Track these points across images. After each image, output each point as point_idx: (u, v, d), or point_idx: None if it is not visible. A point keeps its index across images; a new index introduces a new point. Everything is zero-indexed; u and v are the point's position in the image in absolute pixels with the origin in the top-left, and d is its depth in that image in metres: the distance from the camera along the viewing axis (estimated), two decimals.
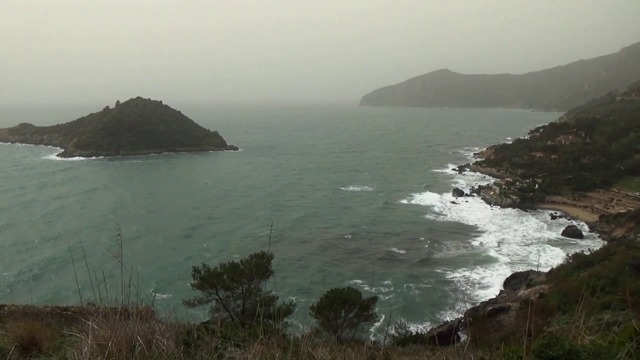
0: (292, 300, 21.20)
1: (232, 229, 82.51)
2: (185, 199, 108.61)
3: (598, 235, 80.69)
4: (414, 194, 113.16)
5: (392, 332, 33.84)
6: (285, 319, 20.16)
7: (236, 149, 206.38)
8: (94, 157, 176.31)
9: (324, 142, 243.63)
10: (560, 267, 53.96)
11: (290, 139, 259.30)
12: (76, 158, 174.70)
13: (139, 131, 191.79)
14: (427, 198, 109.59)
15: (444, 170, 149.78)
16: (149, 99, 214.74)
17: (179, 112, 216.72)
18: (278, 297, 20.63)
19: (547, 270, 56.72)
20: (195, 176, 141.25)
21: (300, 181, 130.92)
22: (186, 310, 20.40)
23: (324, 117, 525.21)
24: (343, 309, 22.96)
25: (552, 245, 75.19)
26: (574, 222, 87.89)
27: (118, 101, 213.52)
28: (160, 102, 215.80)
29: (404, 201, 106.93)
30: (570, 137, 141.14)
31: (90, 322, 4.03)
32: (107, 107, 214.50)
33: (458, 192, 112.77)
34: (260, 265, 20.98)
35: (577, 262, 51.56)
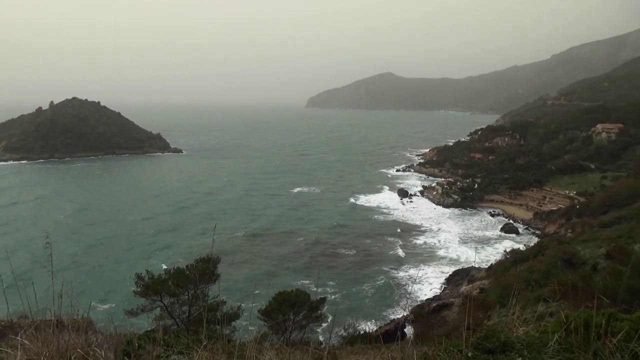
0: (240, 305, 20.88)
1: (177, 235, 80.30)
2: (125, 204, 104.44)
3: (532, 231, 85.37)
4: (360, 195, 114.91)
5: (342, 332, 34.23)
6: (233, 324, 19.84)
7: (180, 151, 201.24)
8: (25, 161, 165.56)
9: (272, 144, 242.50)
10: (499, 263, 56.50)
11: (238, 141, 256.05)
12: (7, 162, 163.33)
13: (75, 133, 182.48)
14: (373, 199, 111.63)
15: (389, 171, 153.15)
16: (86, 99, 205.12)
17: (119, 113, 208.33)
18: (225, 302, 20.25)
19: (487, 266, 59.35)
20: (135, 181, 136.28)
21: (247, 184, 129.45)
22: (129, 320, 19.62)
23: (271, 118, 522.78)
24: (292, 311, 22.90)
25: (492, 242, 78.74)
26: (511, 220, 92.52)
27: (52, 102, 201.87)
28: (99, 102, 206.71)
29: (352, 201, 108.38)
30: (506, 139, 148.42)
31: (19, 337, 3.77)
32: (40, 107, 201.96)
33: (403, 193, 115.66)
34: (206, 270, 20.51)
35: (514, 258, 54.03)
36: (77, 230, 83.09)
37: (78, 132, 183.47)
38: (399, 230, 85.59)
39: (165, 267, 26.56)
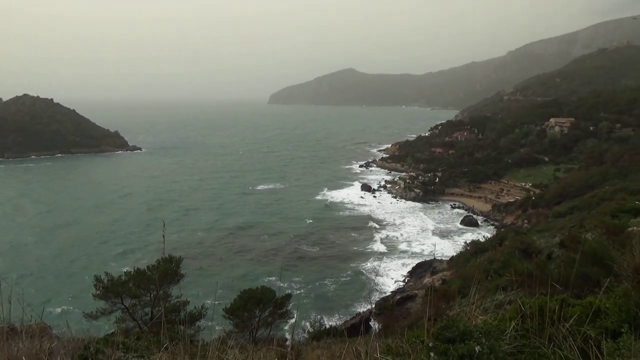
0: (204, 304, 20.56)
1: (137, 236, 78.31)
2: (83, 206, 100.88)
3: (491, 223, 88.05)
4: (325, 191, 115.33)
5: (308, 327, 34.31)
6: (197, 324, 19.54)
7: (139, 149, 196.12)
8: None
9: (234, 140, 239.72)
10: (460, 255, 57.99)
11: (199, 138, 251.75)
12: None
13: (27, 132, 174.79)
14: (337, 194, 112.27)
15: (353, 167, 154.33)
16: (38, 96, 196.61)
17: (74, 110, 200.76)
18: (189, 302, 19.91)
19: (448, 258, 60.79)
20: (94, 181, 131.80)
21: (209, 182, 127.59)
22: (89, 323, 19.02)
23: (233, 115, 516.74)
24: (257, 308, 22.76)
25: (453, 234, 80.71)
26: (471, 212, 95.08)
27: (0, 99, 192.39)
28: (51, 100, 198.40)
29: (316, 197, 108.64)
30: (465, 133, 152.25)
31: None
32: None
33: (366, 188, 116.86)
34: (168, 270, 20.09)
35: (474, 249, 55.49)
36: (34, 234, 79.75)
37: (30, 131, 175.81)
38: (362, 224, 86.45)
39: (127, 268, 25.87)
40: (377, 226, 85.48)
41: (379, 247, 74.04)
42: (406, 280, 59.53)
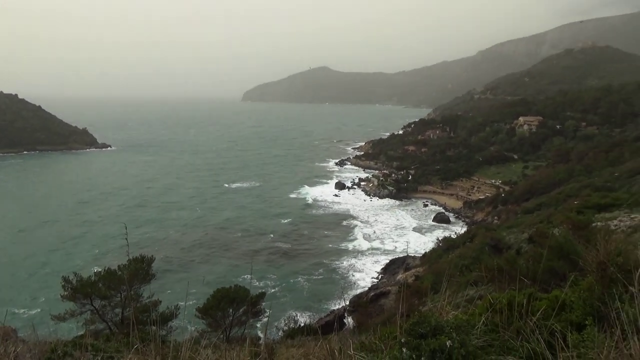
0: (177, 304, 20.29)
1: (110, 236, 76.46)
2: (50, 204, 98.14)
3: (463, 219, 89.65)
4: (299, 188, 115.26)
5: (283, 325, 34.24)
6: (169, 324, 19.27)
7: (109, 146, 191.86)
8: None
9: (207, 138, 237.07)
10: (432, 251, 58.81)
11: (171, 135, 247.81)
12: None
13: None
14: (312, 192, 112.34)
15: (327, 165, 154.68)
16: (1, 92, 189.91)
17: (40, 107, 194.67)
18: (161, 302, 19.60)
19: (421, 254, 61.63)
20: (62, 180, 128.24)
21: (182, 180, 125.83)
22: (56, 326, 18.53)
23: (207, 112, 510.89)
24: (231, 307, 22.58)
25: (425, 231, 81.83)
26: (443, 209, 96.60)
27: None
28: (16, 95, 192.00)
29: (290, 195, 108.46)
30: (438, 131, 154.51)
31: None
32: None
33: (340, 185, 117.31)
34: (140, 270, 19.74)
35: (446, 245, 56.40)
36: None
37: None
38: (337, 222, 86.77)
39: (97, 268, 25.30)
40: (351, 224, 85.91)
41: (353, 244, 74.45)
42: (380, 276, 60.07)
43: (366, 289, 54.24)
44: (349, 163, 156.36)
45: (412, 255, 62.61)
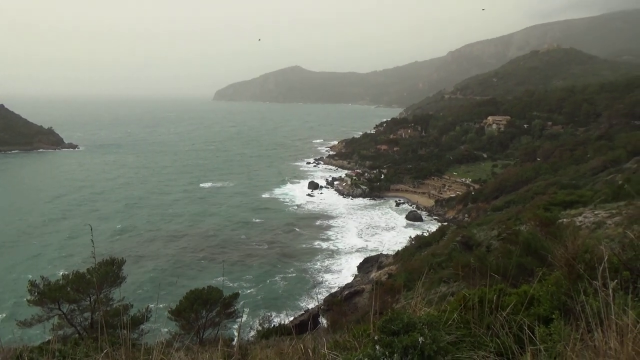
0: (148, 306, 19.92)
1: (75, 238, 74.50)
2: (13, 208, 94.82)
3: (434, 217, 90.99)
4: (273, 188, 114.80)
5: (257, 325, 34.03)
6: (141, 327, 18.89)
7: (76, 147, 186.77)
8: None
9: (179, 138, 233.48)
10: (405, 249, 59.36)
11: (140, 135, 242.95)
12: None
13: None
14: (285, 192, 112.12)
15: (300, 164, 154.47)
16: None
17: (2, 105, 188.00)
18: (132, 305, 19.21)
19: (394, 252, 62.22)
20: (28, 181, 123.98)
21: (152, 181, 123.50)
22: (22, 332, 17.94)
23: (178, 111, 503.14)
24: (204, 308, 22.31)
25: (398, 229, 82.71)
26: (415, 208, 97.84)
27: None
28: None
29: (264, 195, 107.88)
30: (409, 130, 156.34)
31: None
32: None
33: (314, 185, 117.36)
34: (109, 273, 19.27)
35: (418, 243, 57.06)
36: None
37: None
38: (310, 222, 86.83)
39: (64, 271, 24.62)
40: (324, 223, 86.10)
41: (327, 243, 74.64)
42: (354, 275, 60.37)
43: (340, 287, 54.44)
44: (322, 162, 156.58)
45: (386, 253, 63.18)
